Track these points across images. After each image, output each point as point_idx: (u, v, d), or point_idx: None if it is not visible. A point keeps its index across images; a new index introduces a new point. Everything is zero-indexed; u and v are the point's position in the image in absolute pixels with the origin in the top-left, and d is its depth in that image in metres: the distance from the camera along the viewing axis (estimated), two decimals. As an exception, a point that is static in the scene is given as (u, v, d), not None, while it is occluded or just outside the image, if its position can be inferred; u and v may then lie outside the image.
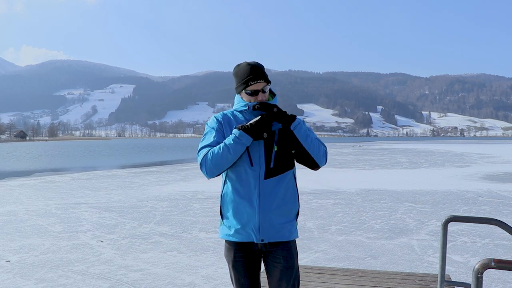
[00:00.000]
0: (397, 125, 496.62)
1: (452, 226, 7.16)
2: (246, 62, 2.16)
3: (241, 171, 2.10)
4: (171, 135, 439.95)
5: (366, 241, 6.55)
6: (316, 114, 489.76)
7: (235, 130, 2.05)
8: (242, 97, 2.19)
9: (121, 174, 19.95)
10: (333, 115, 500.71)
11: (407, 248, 6.12)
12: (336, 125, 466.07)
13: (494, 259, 1.47)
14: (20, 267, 5.24)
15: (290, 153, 2.14)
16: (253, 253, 2.19)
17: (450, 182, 14.69)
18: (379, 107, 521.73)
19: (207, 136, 2.16)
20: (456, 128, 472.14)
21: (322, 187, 13.37)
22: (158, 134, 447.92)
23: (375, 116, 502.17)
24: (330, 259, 5.54)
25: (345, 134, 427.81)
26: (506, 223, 2.55)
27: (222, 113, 2.21)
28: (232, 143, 2.02)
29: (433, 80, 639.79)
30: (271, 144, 2.11)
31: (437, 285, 3.29)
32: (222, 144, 2.05)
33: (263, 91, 2.13)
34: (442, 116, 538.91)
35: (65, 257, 5.68)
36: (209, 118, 2.26)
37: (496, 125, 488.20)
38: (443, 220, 2.82)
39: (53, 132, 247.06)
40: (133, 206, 10.07)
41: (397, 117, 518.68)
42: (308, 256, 5.68)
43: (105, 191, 12.95)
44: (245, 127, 2.03)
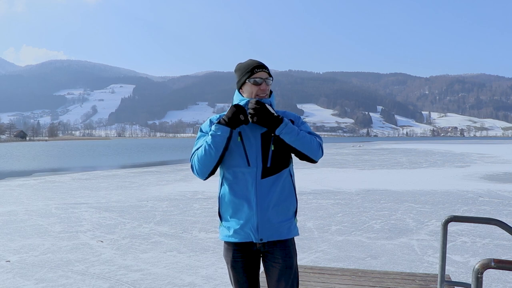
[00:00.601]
0: (397, 125, 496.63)
1: (452, 226, 7.16)
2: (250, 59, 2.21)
3: (238, 171, 2.10)
4: (171, 135, 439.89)
5: (366, 241, 6.55)
6: (316, 114, 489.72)
7: (212, 126, 2.09)
8: (242, 93, 2.18)
9: (121, 174, 19.95)
10: (333, 115, 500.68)
11: (407, 248, 6.11)
12: (336, 125, 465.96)
13: (494, 259, 1.47)
14: (20, 267, 5.24)
15: (286, 151, 2.14)
16: (252, 253, 2.19)
17: (450, 182, 14.69)
18: (379, 107, 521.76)
19: (199, 141, 2.18)
20: (456, 128, 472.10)
21: (322, 187, 13.37)
22: (158, 134, 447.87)
23: (375, 116, 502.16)
24: (330, 259, 5.54)
25: (345, 134, 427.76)
26: (506, 223, 2.55)
27: (217, 115, 2.21)
28: (210, 138, 2.06)
29: (433, 80, 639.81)
30: (268, 143, 2.10)
31: (437, 285, 3.29)
32: (204, 143, 2.08)
33: (267, 83, 2.14)
34: (442, 116, 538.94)
35: (65, 257, 5.68)
36: (203, 122, 2.26)
37: (496, 125, 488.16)
38: (443, 220, 2.82)
39: (53, 132, 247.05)
40: (133, 206, 10.07)
41: (397, 117, 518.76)
42: (308, 256, 5.68)
43: (105, 191, 12.95)
44: (220, 120, 2.07)
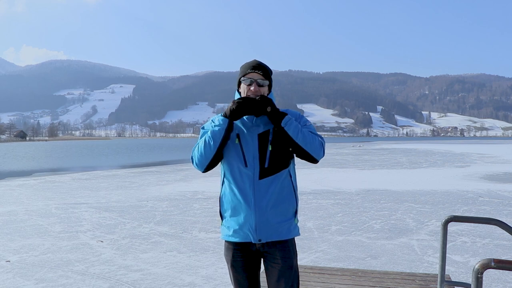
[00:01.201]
0: (397, 125, 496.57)
1: (452, 226, 7.16)
2: (256, 60, 2.22)
3: (236, 171, 2.11)
4: (171, 135, 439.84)
5: (366, 241, 6.55)
6: (316, 114, 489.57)
7: (216, 117, 2.14)
8: (240, 91, 2.21)
9: (121, 174, 19.95)
10: (333, 115, 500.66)
11: (407, 248, 6.11)
12: (336, 125, 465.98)
13: (494, 259, 1.47)
14: (20, 267, 5.24)
15: (285, 151, 2.13)
16: (252, 254, 2.19)
17: (450, 182, 14.69)
18: (379, 107, 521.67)
19: (200, 138, 2.21)
20: (456, 128, 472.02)
21: (322, 187, 13.37)
22: (158, 134, 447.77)
23: (375, 116, 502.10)
24: (330, 259, 5.54)
25: (345, 134, 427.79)
26: (506, 223, 2.55)
27: (219, 115, 2.22)
28: (210, 129, 2.11)
29: (433, 80, 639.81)
30: (265, 144, 2.11)
31: (437, 285, 3.29)
32: (205, 136, 2.13)
33: (259, 84, 2.13)
34: (442, 116, 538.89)
35: (65, 257, 5.68)
36: (209, 118, 2.29)
37: (496, 125, 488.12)
38: (443, 220, 2.82)
39: (53, 132, 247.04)
40: (133, 206, 10.07)
41: (397, 117, 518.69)
42: (308, 256, 5.68)
43: (105, 191, 12.95)
44: (224, 113, 2.11)
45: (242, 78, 2.16)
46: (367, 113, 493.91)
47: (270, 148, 2.10)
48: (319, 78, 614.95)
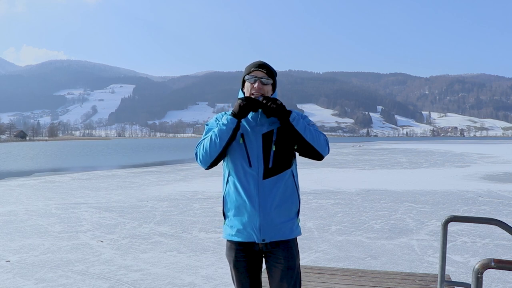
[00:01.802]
0: (397, 125, 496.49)
1: (452, 226, 7.16)
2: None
3: (240, 171, 2.11)
4: (171, 135, 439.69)
5: (366, 241, 6.55)
6: (316, 114, 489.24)
7: (226, 116, 2.13)
8: (243, 91, 2.22)
9: (121, 174, 19.95)
10: (333, 115, 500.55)
11: (407, 248, 6.11)
12: (336, 125, 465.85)
13: (494, 259, 1.47)
14: (20, 267, 5.24)
15: (288, 152, 2.15)
16: (255, 253, 2.19)
17: (450, 182, 14.69)
18: (379, 107, 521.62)
19: (205, 135, 2.21)
20: (456, 128, 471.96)
21: (322, 187, 13.37)
22: (158, 134, 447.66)
23: (375, 116, 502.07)
24: (330, 259, 5.54)
25: (345, 134, 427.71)
26: (506, 223, 2.55)
27: (223, 113, 2.24)
28: (217, 128, 2.10)
29: (433, 80, 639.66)
30: (269, 144, 2.12)
31: (437, 285, 3.29)
32: (211, 133, 2.12)
33: (263, 82, 2.14)
34: (442, 116, 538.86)
35: (65, 257, 5.68)
36: (209, 118, 2.29)
37: (496, 125, 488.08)
38: (443, 220, 2.82)
39: (53, 132, 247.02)
40: (133, 206, 10.07)
41: (397, 117, 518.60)
42: (308, 256, 5.68)
43: (105, 191, 12.95)
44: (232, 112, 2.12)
45: (246, 77, 2.17)
46: (367, 113, 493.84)
47: (274, 148, 2.11)
48: (319, 78, 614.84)
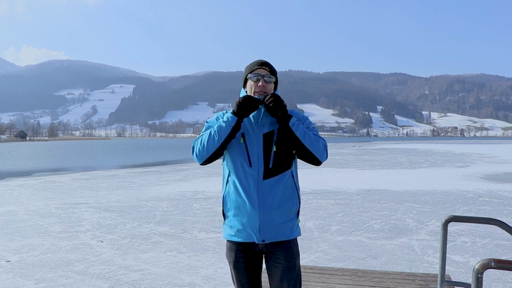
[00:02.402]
0: (397, 125, 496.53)
1: (452, 226, 7.16)
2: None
3: (240, 171, 2.11)
4: (171, 135, 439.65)
5: (366, 241, 6.55)
6: (316, 114, 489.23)
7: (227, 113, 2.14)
8: (246, 89, 2.22)
9: (121, 174, 19.94)
10: (333, 115, 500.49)
11: (407, 248, 6.11)
12: (336, 125, 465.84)
13: (494, 259, 1.47)
14: (20, 267, 5.24)
15: (289, 152, 2.14)
16: (255, 254, 2.18)
17: (450, 182, 14.69)
18: (379, 107, 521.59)
19: (205, 131, 2.21)
20: (456, 128, 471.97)
21: (322, 187, 13.37)
22: (158, 134, 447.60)
23: (375, 116, 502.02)
24: (330, 259, 5.54)
25: (345, 134, 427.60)
26: (506, 223, 2.55)
27: (224, 111, 2.24)
28: (217, 124, 2.10)
29: (433, 80, 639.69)
30: (270, 144, 2.11)
31: (437, 285, 3.29)
32: (212, 128, 2.12)
33: (266, 80, 2.15)
34: (442, 116, 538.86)
35: (65, 257, 5.68)
36: (209, 118, 2.29)
37: (496, 125, 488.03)
38: (443, 220, 2.82)
39: (53, 132, 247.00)
40: (133, 206, 10.07)
41: (397, 117, 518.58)
42: (308, 256, 5.68)
43: (105, 191, 12.95)
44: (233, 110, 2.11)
45: (249, 75, 2.16)
46: (367, 113, 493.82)
47: (274, 149, 2.11)
48: (319, 78, 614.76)
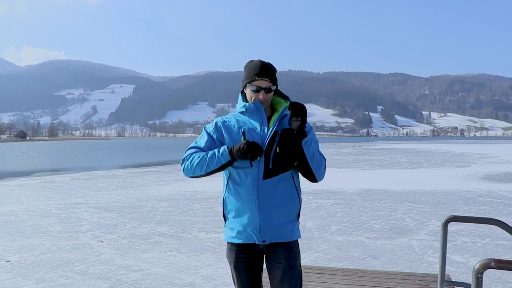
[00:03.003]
0: (397, 125, 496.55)
1: (452, 226, 7.16)
2: (260, 59, 2.19)
3: (241, 172, 2.10)
4: (171, 135, 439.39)
5: (366, 241, 6.55)
6: (316, 114, 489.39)
7: (224, 147, 2.07)
8: (245, 92, 2.20)
9: (121, 174, 19.95)
10: (333, 115, 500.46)
11: (407, 248, 6.11)
12: (336, 125, 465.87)
13: (494, 259, 1.47)
14: (20, 267, 5.24)
15: (290, 154, 2.12)
16: (255, 255, 2.18)
17: (450, 182, 14.69)
18: (379, 107, 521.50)
19: (201, 139, 2.20)
20: (456, 128, 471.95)
21: (322, 187, 13.37)
22: (158, 134, 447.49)
23: (375, 116, 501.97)
24: (330, 259, 5.54)
25: (345, 134, 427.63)
26: (506, 223, 2.55)
27: (222, 118, 2.21)
28: (210, 154, 2.07)
29: (433, 80, 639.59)
30: (272, 144, 2.09)
31: (437, 285, 3.29)
32: (203, 154, 2.09)
33: (266, 90, 2.13)
34: (442, 116, 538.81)
35: (65, 257, 5.68)
36: (209, 118, 2.28)
37: (496, 125, 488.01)
38: (443, 220, 2.82)
39: (53, 132, 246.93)
40: (133, 206, 10.07)
41: (397, 117, 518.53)
42: (308, 256, 5.68)
43: (105, 191, 12.95)
44: (232, 148, 2.03)
45: (249, 85, 2.14)
46: (367, 113, 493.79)
47: (277, 150, 2.09)
48: (319, 78, 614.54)
